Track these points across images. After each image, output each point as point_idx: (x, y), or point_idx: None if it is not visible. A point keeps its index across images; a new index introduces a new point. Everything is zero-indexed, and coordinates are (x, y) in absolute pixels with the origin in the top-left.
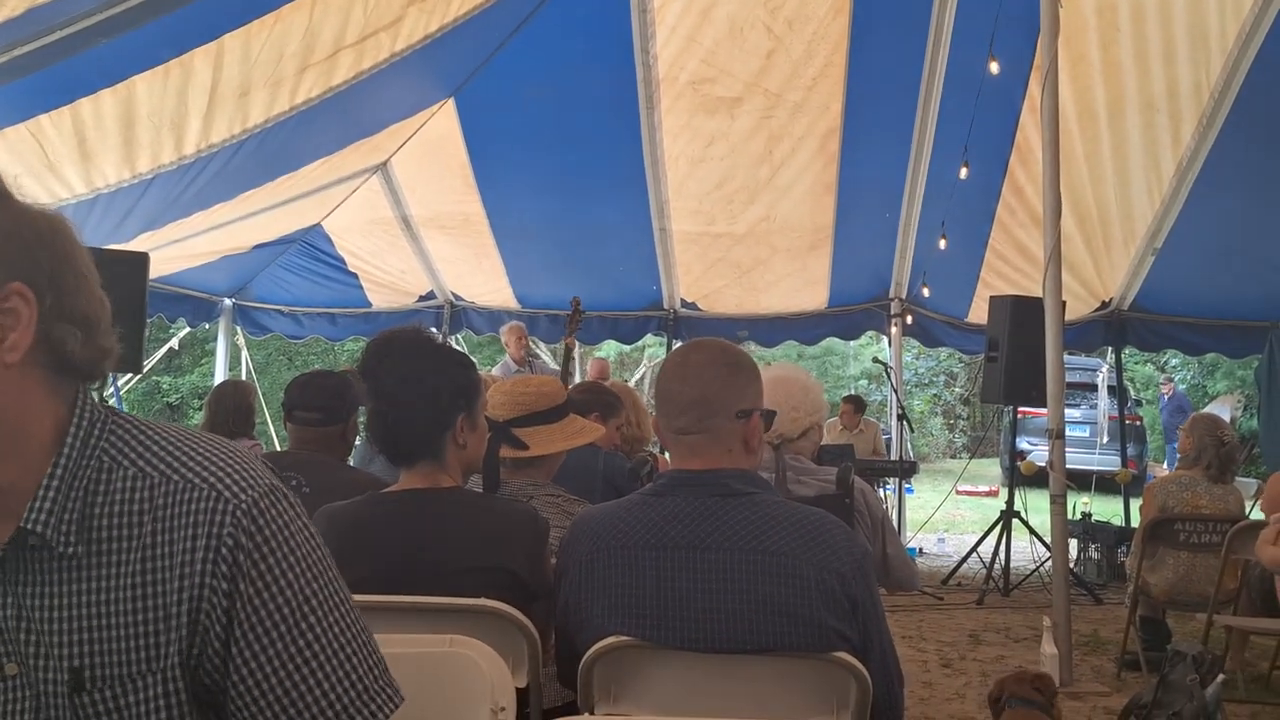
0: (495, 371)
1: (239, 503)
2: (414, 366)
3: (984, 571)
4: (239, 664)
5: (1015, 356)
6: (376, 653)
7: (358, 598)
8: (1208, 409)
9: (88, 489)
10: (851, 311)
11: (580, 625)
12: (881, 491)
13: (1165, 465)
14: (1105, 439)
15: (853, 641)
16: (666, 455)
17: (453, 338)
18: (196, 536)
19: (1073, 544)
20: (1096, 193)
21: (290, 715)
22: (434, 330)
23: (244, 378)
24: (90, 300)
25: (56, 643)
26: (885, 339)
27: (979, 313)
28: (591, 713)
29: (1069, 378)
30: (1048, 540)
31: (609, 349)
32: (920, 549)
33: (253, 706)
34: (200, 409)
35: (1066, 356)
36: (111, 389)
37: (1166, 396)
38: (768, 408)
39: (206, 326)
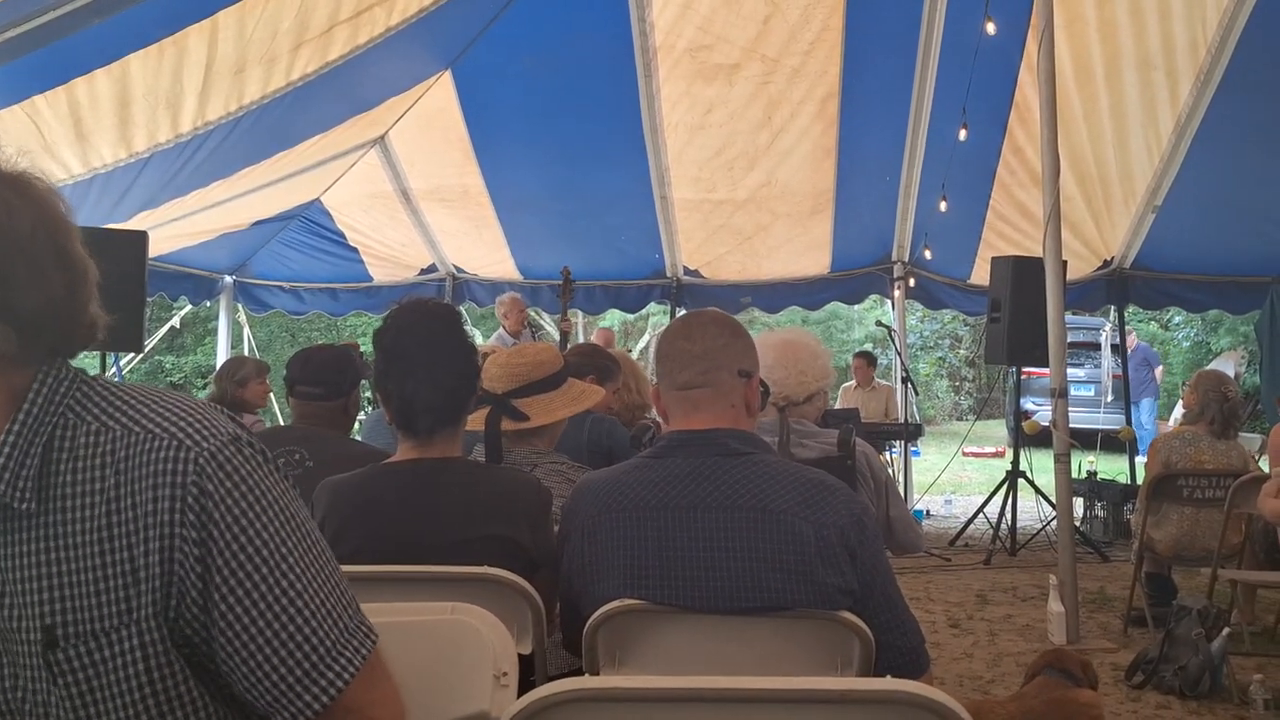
0: (491, 342)
1: (200, 451)
2: (446, 338)
3: (991, 532)
4: (222, 611)
5: (1018, 317)
6: (349, 591)
7: (360, 568)
8: (1212, 365)
9: (49, 446)
10: (854, 276)
11: (584, 590)
12: (888, 454)
13: (1169, 422)
14: (1109, 398)
15: (855, 594)
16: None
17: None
18: (159, 486)
19: (1078, 502)
20: (1096, 151)
21: (281, 657)
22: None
23: (247, 354)
24: (47, 288)
25: (30, 601)
26: (889, 302)
27: (981, 274)
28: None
29: (1072, 337)
30: (1053, 499)
31: (612, 318)
32: (927, 511)
33: (242, 652)
34: (204, 388)
35: (1069, 316)
36: (114, 369)
37: (1129, 350)
38: (776, 369)
39: (208, 304)
